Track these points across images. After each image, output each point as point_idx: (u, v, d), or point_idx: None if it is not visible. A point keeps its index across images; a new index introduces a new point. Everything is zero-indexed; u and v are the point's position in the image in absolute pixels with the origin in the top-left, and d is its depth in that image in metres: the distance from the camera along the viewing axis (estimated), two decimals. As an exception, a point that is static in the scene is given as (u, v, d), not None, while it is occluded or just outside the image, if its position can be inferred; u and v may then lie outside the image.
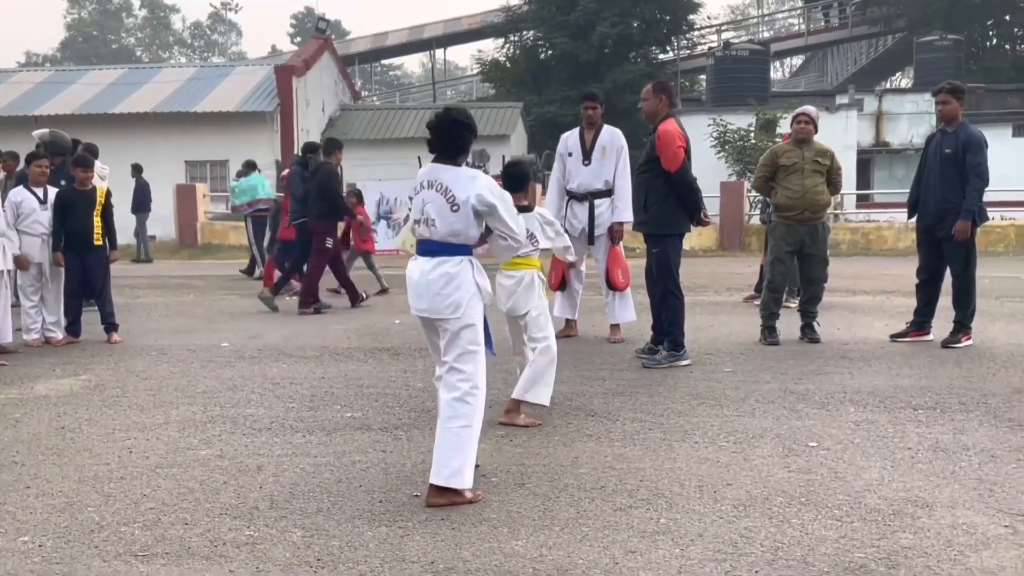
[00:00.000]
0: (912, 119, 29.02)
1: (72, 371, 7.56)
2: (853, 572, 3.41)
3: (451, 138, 4.42)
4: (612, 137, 8.51)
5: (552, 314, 8.70)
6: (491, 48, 42.58)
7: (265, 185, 15.44)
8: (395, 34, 47.00)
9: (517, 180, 5.74)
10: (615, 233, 8.37)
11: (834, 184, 8.42)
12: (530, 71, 36.84)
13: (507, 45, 38.92)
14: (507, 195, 4.52)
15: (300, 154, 12.26)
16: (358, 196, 13.71)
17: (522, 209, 5.28)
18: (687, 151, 7.18)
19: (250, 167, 15.85)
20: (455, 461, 4.17)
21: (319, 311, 10.81)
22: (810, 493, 4.27)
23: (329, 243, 11.00)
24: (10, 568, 3.56)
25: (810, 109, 8.51)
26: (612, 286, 8.38)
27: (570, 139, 8.71)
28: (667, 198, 7.21)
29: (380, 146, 28.77)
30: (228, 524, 4.00)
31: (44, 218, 8.82)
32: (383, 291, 12.58)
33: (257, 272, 15.00)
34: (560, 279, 8.45)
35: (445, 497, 4.18)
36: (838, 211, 22.07)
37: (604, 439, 5.25)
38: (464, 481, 4.19)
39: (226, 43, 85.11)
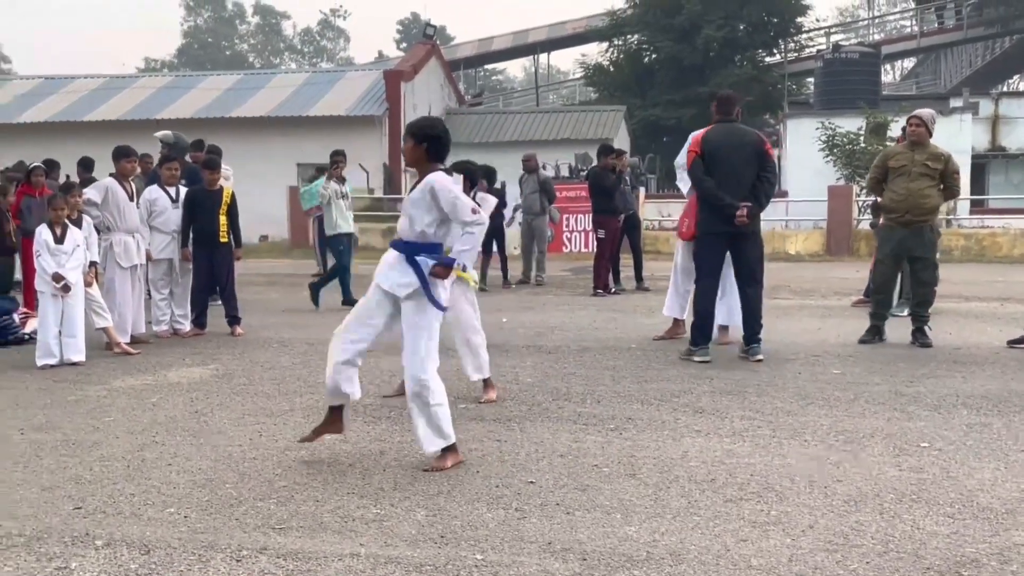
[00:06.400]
0: (1031, 123, 28.08)
1: (201, 360, 7.98)
2: (964, 566, 3.46)
3: None
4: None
5: (663, 312, 8.83)
6: (595, 52, 42.73)
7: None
8: (500, 39, 47.48)
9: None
10: None
11: (950, 188, 8.31)
12: (634, 74, 36.82)
13: (611, 49, 38.96)
14: None
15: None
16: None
17: None
18: (701, 155, 7.54)
19: (320, 171, 16.42)
20: None
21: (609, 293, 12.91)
22: (921, 491, 4.31)
23: (601, 234, 12.86)
24: (160, 535, 3.86)
25: (924, 112, 8.43)
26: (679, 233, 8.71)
27: None
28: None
29: (485, 149, 29.14)
30: (356, 502, 4.25)
31: (175, 216, 9.30)
32: None
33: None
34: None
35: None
36: (951, 216, 21.53)
37: (713, 435, 5.35)
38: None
39: (335, 49, 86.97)
